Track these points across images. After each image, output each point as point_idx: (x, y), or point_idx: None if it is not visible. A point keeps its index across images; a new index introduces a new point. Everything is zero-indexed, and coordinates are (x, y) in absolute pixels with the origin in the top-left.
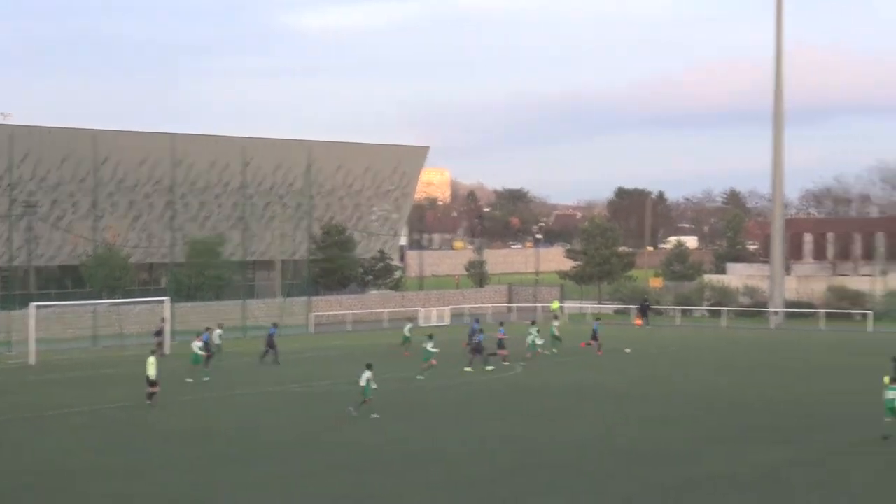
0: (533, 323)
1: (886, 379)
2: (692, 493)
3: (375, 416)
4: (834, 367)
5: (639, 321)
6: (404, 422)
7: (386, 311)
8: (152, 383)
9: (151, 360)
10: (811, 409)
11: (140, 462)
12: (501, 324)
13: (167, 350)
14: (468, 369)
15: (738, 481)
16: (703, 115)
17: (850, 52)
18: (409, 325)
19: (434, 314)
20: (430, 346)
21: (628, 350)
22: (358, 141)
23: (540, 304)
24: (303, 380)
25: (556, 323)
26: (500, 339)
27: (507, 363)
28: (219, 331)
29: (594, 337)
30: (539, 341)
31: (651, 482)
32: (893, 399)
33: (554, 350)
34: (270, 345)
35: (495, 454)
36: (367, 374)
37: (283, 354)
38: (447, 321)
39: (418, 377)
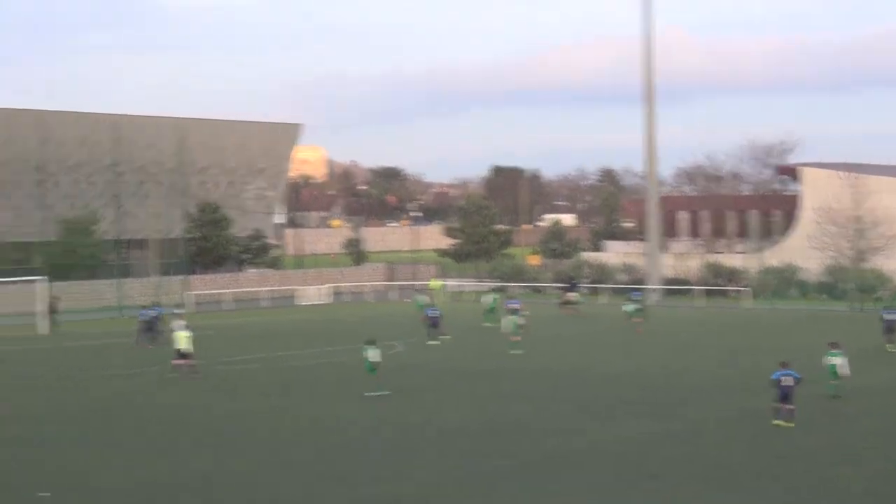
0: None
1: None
2: (554, 465)
3: (385, 392)
4: (711, 344)
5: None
6: (285, 396)
7: (264, 289)
8: (184, 355)
9: (184, 333)
10: (684, 383)
11: (8, 442)
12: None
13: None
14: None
15: (606, 452)
16: (574, 93)
17: (718, 32)
18: (493, 297)
19: (313, 292)
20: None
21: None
22: (231, 118)
23: (419, 283)
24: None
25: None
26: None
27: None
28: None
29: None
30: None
31: (514, 456)
32: (835, 364)
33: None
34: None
35: (364, 434)
36: (372, 350)
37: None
38: (327, 300)
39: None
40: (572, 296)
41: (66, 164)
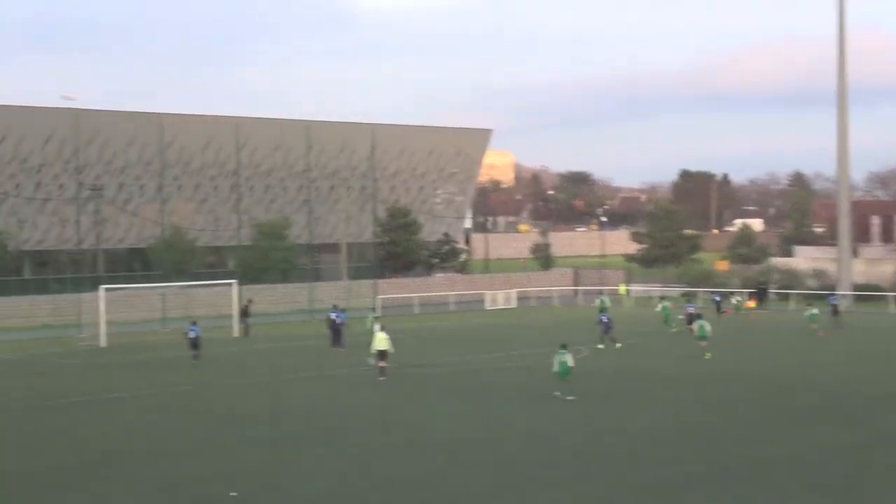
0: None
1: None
2: (746, 474)
3: (570, 398)
4: None
5: (752, 303)
6: (473, 401)
7: (452, 293)
8: (382, 355)
9: (383, 335)
10: (874, 391)
11: (203, 444)
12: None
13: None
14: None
15: (799, 461)
16: (765, 96)
17: None
18: (665, 303)
19: (500, 297)
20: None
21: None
22: (421, 124)
23: (606, 287)
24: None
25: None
26: (690, 315)
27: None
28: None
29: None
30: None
31: (705, 463)
32: (565, 361)
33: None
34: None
35: (553, 439)
36: (564, 354)
37: (350, 337)
38: (513, 304)
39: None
40: (736, 301)
41: (260, 170)
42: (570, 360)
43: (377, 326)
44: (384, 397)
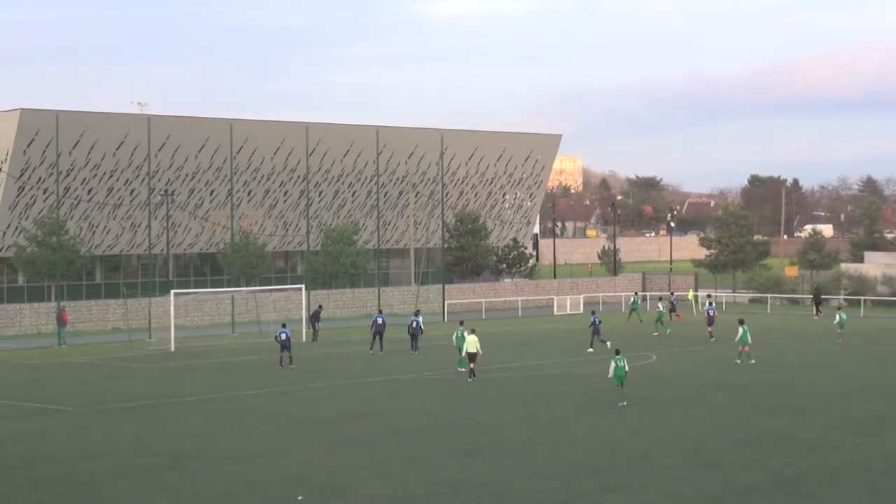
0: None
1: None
2: (814, 481)
3: (623, 403)
4: None
5: (817, 313)
6: (539, 407)
7: (520, 299)
8: (472, 357)
9: (473, 337)
10: None
11: (271, 448)
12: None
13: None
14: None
15: (870, 469)
16: (836, 100)
17: None
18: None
19: (568, 303)
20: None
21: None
22: (490, 129)
23: (675, 293)
24: (437, 367)
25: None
26: (710, 317)
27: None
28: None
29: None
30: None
31: (772, 470)
32: (620, 367)
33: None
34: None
35: (619, 444)
36: (619, 360)
37: (419, 341)
38: (581, 309)
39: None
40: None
41: (330, 175)
42: (624, 365)
43: (467, 330)
44: (450, 401)
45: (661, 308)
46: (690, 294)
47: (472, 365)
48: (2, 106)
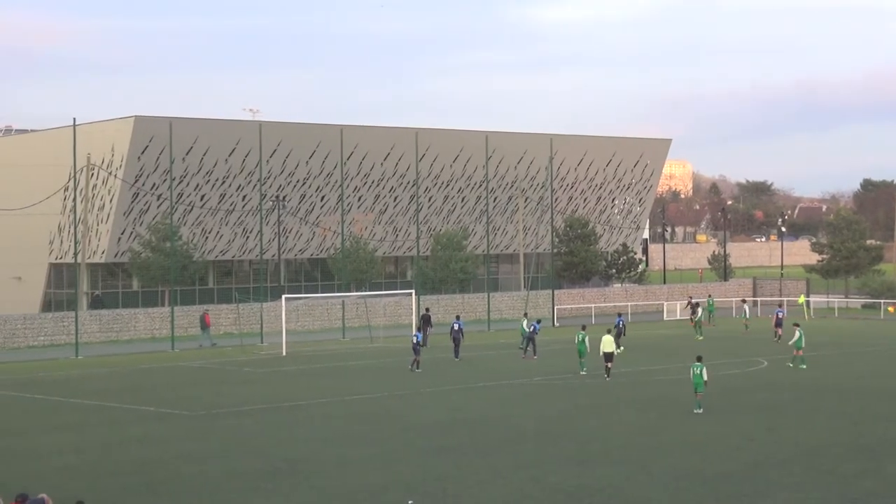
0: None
1: None
2: None
3: (699, 410)
4: None
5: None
6: (651, 412)
7: (629, 304)
8: (609, 357)
9: (609, 338)
10: None
11: (384, 452)
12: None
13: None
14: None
15: None
16: None
17: None
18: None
19: (678, 308)
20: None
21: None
22: (599, 134)
23: (786, 298)
24: (548, 372)
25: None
26: (779, 319)
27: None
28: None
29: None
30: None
31: (885, 479)
32: (699, 374)
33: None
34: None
35: (732, 451)
36: (698, 367)
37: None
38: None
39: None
40: None
41: (440, 180)
42: (702, 373)
43: (605, 332)
44: (561, 406)
45: (700, 312)
46: (801, 299)
47: (608, 364)
48: (117, 114)
